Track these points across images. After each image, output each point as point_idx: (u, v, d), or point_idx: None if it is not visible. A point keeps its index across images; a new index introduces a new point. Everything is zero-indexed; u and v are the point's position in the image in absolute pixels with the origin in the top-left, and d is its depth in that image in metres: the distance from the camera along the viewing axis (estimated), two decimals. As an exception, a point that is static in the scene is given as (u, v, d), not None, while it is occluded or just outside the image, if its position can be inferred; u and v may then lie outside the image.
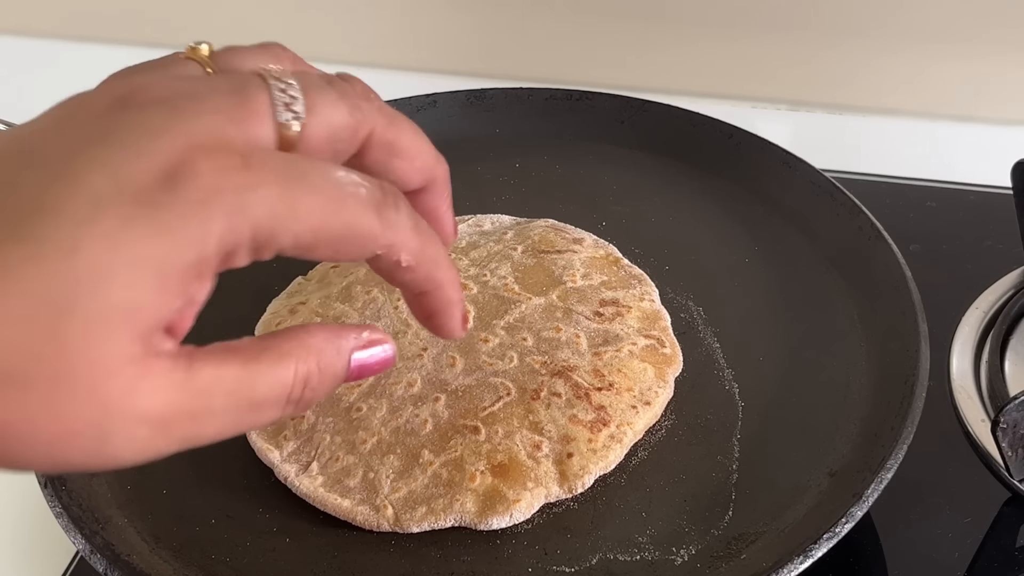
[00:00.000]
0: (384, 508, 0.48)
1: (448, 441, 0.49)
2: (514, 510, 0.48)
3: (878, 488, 0.46)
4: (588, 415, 0.50)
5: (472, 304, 0.55)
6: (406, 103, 0.71)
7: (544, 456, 0.49)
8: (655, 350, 0.53)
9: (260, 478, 0.51)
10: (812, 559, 0.44)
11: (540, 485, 0.48)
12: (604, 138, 0.70)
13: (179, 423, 0.34)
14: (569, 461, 0.49)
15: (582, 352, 0.53)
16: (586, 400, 0.51)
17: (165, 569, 0.47)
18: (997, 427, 0.48)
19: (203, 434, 0.35)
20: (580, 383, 0.51)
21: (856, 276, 0.58)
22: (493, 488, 0.48)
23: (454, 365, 0.52)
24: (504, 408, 0.50)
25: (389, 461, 0.49)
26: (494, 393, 0.51)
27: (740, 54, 0.82)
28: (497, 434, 0.49)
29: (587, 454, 0.49)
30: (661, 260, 0.61)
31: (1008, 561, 0.52)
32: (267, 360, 0.35)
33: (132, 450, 0.34)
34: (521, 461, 0.49)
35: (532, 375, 0.51)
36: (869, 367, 0.53)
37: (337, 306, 0.56)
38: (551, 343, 0.53)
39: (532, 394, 0.51)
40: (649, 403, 0.52)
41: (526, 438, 0.49)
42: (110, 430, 0.32)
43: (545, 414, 0.50)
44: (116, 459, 0.34)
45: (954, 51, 0.78)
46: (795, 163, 0.64)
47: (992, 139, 0.78)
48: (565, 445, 0.49)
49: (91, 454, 0.33)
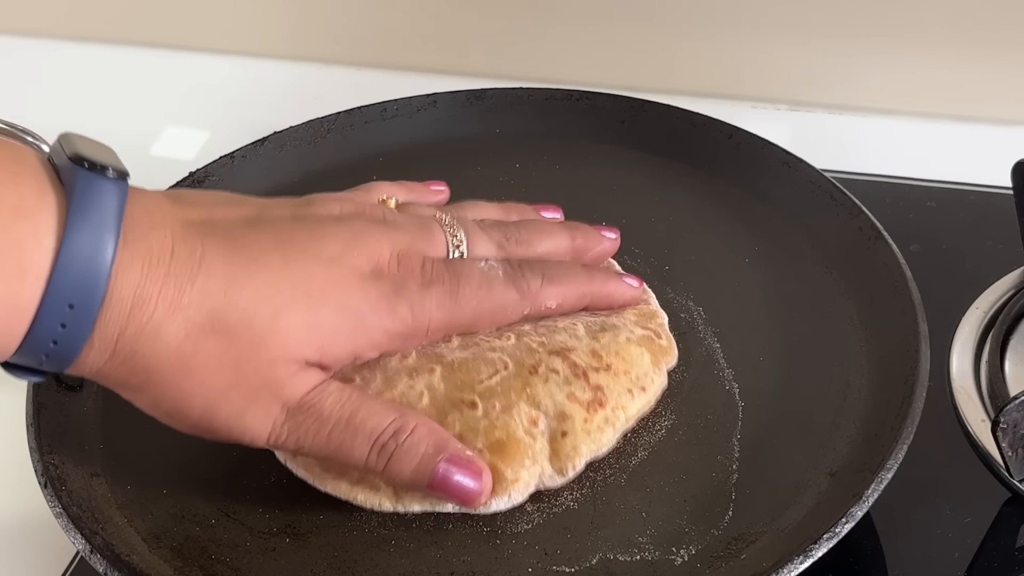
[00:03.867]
0: (384, 487, 0.48)
1: (445, 416, 0.49)
2: (512, 490, 0.48)
3: (878, 488, 0.46)
4: (585, 394, 0.50)
5: None
6: (406, 103, 0.71)
7: (540, 433, 0.49)
8: (652, 340, 0.53)
9: (260, 478, 0.51)
10: (812, 559, 0.44)
11: (536, 463, 0.48)
12: (604, 138, 0.70)
13: (303, 415, 0.45)
14: (563, 440, 0.49)
15: (579, 336, 0.52)
16: (584, 379, 0.50)
17: (165, 569, 0.47)
18: (997, 427, 0.48)
19: (310, 439, 0.46)
20: (578, 362, 0.51)
21: (856, 276, 0.58)
22: (491, 467, 0.48)
23: (450, 341, 0.52)
24: (502, 382, 0.50)
25: None
26: (491, 367, 0.50)
27: (740, 54, 0.82)
28: (495, 408, 0.49)
29: (581, 434, 0.49)
30: (661, 260, 0.61)
31: (1008, 561, 0.52)
32: (378, 402, 0.48)
33: (262, 426, 0.46)
34: (519, 437, 0.48)
35: (529, 352, 0.51)
36: (869, 367, 0.53)
37: None
38: (548, 328, 0.53)
39: (530, 368, 0.50)
40: (644, 389, 0.52)
41: (523, 412, 0.49)
42: (260, 397, 0.45)
43: (543, 388, 0.50)
44: (246, 430, 0.46)
45: (954, 51, 0.78)
46: (795, 163, 0.64)
47: (992, 139, 0.78)
48: (561, 423, 0.49)
49: (235, 415, 0.45)
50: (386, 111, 0.71)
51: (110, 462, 0.52)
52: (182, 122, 0.87)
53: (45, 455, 0.51)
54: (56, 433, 0.52)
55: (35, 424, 0.52)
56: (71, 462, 0.51)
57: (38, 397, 0.53)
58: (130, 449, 0.53)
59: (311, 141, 0.70)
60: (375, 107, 0.71)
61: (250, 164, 0.67)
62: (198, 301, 0.43)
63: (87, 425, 0.54)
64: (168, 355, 0.43)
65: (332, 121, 0.70)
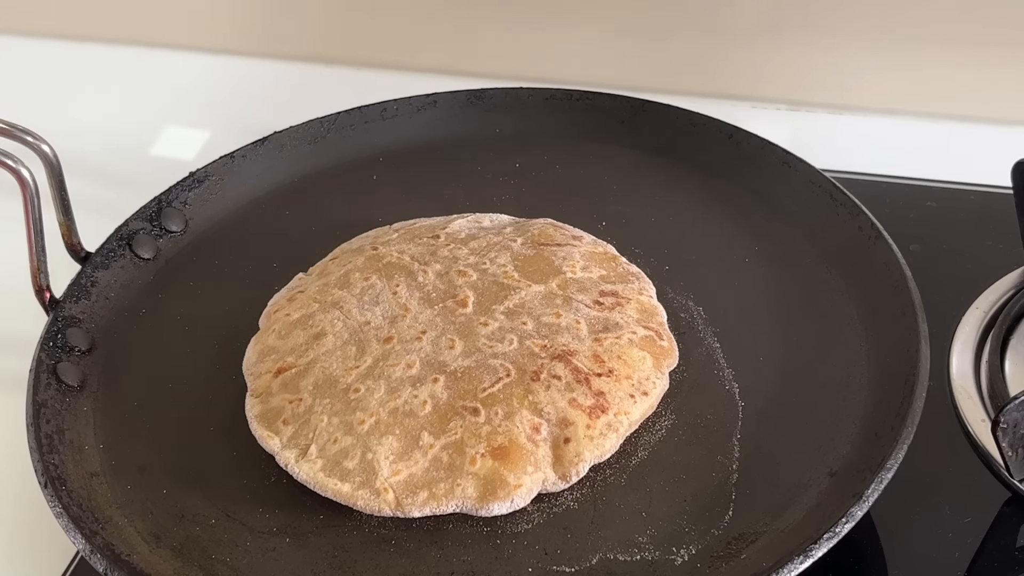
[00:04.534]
0: (385, 492, 0.48)
1: (448, 423, 0.49)
2: (515, 495, 0.48)
3: (878, 488, 0.46)
4: (588, 400, 0.50)
5: (472, 290, 0.55)
6: (406, 103, 0.71)
7: (543, 439, 0.49)
8: (653, 341, 0.54)
9: (260, 478, 0.51)
10: (812, 559, 0.44)
11: (539, 470, 0.48)
12: (604, 138, 0.70)
13: None
14: (565, 447, 0.49)
15: (582, 337, 0.53)
16: (586, 385, 0.51)
17: (165, 569, 0.47)
18: (997, 427, 0.48)
19: None
20: (580, 367, 0.51)
21: (856, 276, 0.58)
22: (494, 472, 0.48)
23: (453, 347, 0.52)
24: (504, 389, 0.50)
25: (388, 442, 0.49)
26: (493, 374, 0.51)
27: (740, 54, 0.82)
28: (497, 415, 0.49)
29: (584, 440, 0.49)
30: (661, 260, 0.61)
31: (1008, 561, 0.52)
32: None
33: None
34: (521, 444, 0.49)
35: (532, 357, 0.51)
36: (869, 367, 0.53)
37: (335, 292, 0.57)
38: (551, 328, 0.53)
39: (532, 375, 0.51)
40: (647, 393, 0.52)
41: (525, 419, 0.49)
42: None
43: (545, 395, 0.50)
44: None
45: (954, 51, 0.78)
46: (795, 163, 0.64)
47: (992, 139, 0.78)
48: (563, 429, 0.49)
49: None
50: (386, 111, 0.71)
51: (110, 462, 0.52)
52: (182, 122, 0.87)
53: (45, 455, 0.51)
54: (56, 433, 0.52)
55: (35, 424, 0.52)
56: (71, 462, 0.51)
57: (38, 397, 0.53)
58: (130, 449, 0.53)
59: (311, 141, 0.70)
60: (375, 107, 0.71)
61: (250, 164, 0.67)
62: None
63: (87, 425, 0.54)
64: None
65: (332, 121, 0.70)
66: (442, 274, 0.56)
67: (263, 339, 0.56)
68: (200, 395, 0.55)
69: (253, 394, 0.54)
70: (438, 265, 0.57)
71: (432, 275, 0.56)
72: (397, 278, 0.56)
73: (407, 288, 0.56)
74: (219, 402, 0.55)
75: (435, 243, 0.59)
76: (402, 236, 0.60)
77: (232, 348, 0.57)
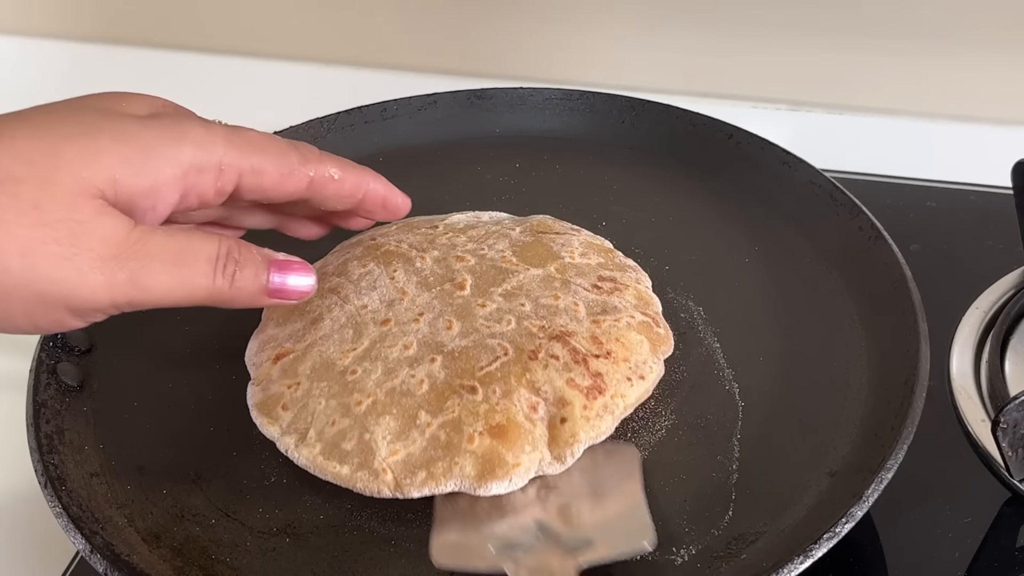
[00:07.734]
0: (383, 473, 0.48)
1: (445, 401, 0.49)
2: (513, 474, 0.48)
3: (878, 488, 0.46)
4: (585, 380, 0.50)
5: (469, 273, 0.55)
6: (406, 103, 0.71)
7: (540, 419, 0.49)
8: (650, 327, 0.54)
9: (260, 478, 0.51)
10: (812, 559, 0.44)
11: (536, 449, 0.48)
12: (604, 138, 0.70)
13: (134, 260, 0.43)
14: (562, 427, 0.49)
15: (580, 319, 0.52)
16: (583, 365, 0.50)
17: (165, 569, 0.47)
18: (997, 427, 0.48)
19: (151, 281, 0.44)
20: (578, 348, 0.51)
21: (856, 276, 0.58)
22: (492, 450, 0.48)
23: (450, 328, 0.52)
24: (501, 367, 0.50)
25: (385, 422, 0.49)
26: (491, 353, 0.51)
27: (740, 54, 0.82)
28: (495, 393, 0.49)
29: (580, 421, 0.49)
30: (661, 260, 0.61)
31: (1008, 561, 0.52)
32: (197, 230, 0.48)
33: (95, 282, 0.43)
34: (519, 422, 0.48)
35: (530, 337, 0.51)
36: (869, 367, 0.53)
37: (333, 279, 0.57)
38: (549, 309, 0.53)
39: (530, 354, 0.50)
40: (643, 377, 0.52)
41: (523, 398, 0.49)
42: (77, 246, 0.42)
43: (542, 374, 0.50)
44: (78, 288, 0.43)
45: (954, 51, 0.78)
46: (795, 163, 0.64)
47: (992, 139, 0.78)
48: (560, 409, 0.49)
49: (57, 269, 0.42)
50: (386, 111, 0.71)
51: (110, 462, 0.52)
52: (182, 122, 0.87)
53: (45, 455, 0.51)
54: (56, 433, 0.52)
55: (35, 424, 0.52)
56: (71, 462, 0.51)
57: (38, 397, 0.53)
58: (130, 449, 0.53)
59: (311, 141, 0.69)
60: (375, 107, 0.71)
61: (250, 164, 0.67)
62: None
63: (87, 425, 0.54)
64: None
65: (332, 121, 0.70)
66: (440, 260, 0.56)
67: (263, 330, 0.56)
68: (200, 395, 0.55)
69: (254, 383, 0.54)
70: (436, 252, 0.57)
71: (430, 261, 0.56)
72: (395, 264, 0.56)
73: (405, 273, 0.56)
74: (219, 402, 0.55)
75: (433, 232, 0.59)
76: (400, 228, 0.60)
77: (232, 347, 0.56)
